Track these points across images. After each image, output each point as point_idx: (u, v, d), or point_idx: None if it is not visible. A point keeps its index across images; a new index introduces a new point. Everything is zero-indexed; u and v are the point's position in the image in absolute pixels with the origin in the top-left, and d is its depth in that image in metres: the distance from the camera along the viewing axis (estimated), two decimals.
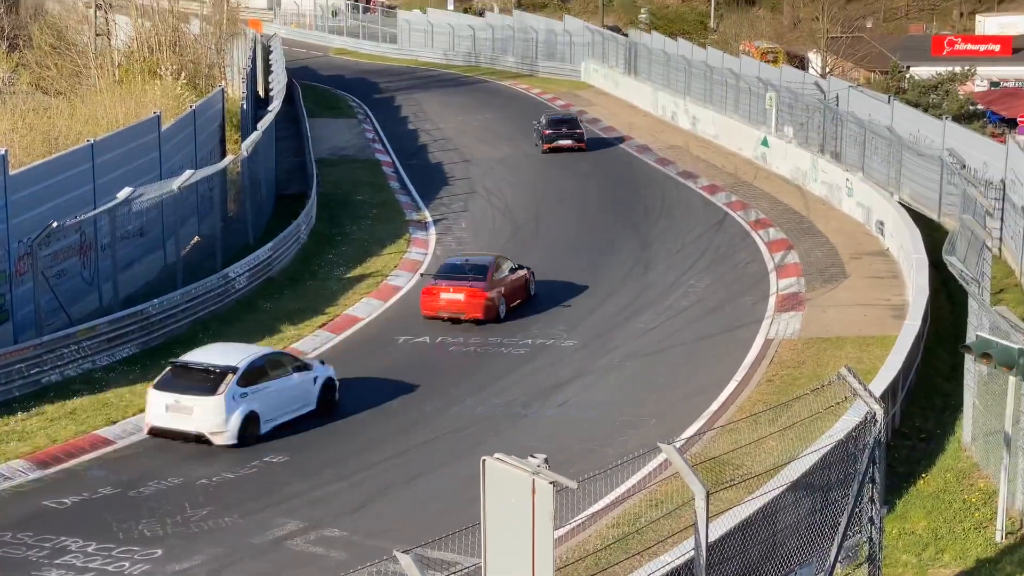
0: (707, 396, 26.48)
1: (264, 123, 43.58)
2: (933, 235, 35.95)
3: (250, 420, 24.23)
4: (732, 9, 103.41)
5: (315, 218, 42.51)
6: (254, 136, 40.91)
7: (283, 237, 37.47)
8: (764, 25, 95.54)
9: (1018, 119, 58.29)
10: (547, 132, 55.31)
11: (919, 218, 38.47)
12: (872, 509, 16.07)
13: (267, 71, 65.58)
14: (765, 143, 51.91)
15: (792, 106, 52.41)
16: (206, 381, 24.19)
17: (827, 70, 73.62)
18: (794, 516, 15.38)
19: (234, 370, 24.31)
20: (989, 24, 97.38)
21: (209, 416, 23.90)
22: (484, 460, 12.75)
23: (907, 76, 66.97)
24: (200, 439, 24.02)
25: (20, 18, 72.50)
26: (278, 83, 56.69)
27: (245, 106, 52.72)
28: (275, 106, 49.27)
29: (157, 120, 36.13)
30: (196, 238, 37.44)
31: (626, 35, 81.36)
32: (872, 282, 34.74)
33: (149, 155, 35.23)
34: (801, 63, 77.98)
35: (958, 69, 64.58)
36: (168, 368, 24.98)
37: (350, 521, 20.84)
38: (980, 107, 63.03)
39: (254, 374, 24.62)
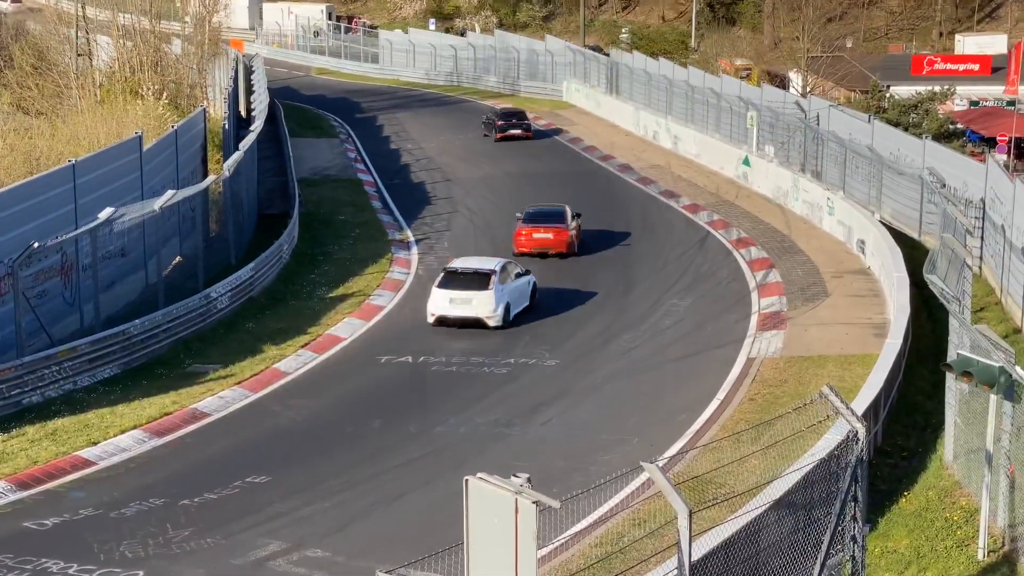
0: (690, 415, 26.49)
1: (246, 143, 43.56)
2: (914, 254, 36.08)
3: (507, 308, 33.09)
4: (713, 29, 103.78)
5: (297, 238, 42.48)
6: (236, 156, 40.89)
7: (265, 257, 37.43)
8: (745, 45, 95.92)
9: (997, 138, 58.56)
10: (500, 123, 62.30)
11: (900, 237, 38.61)
12: (855, 527, 16.10)
13: (249, 91, 65.59)
14: (746, 162, 52.07)
15: (773, 125, 52.60)
16: (477, 280, 32.93)
17: (808, 89, 73.92)
18: (777, 535, 15.39)
19: (494, 272, 33.16)
20: (968, 44, 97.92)
21: (484, 305, 32.69)
22: (467, 480, 12.74)
23: (887, 95, 67.31)
24: (478, 323, 32.74)
25: (1, 38, 72.43)
26: (260, 103, 56.69)
27: (227, 126, 52.72)
28: (257, 126, 49.27)
29: (139, 140, 36.10)
30: (178, 258, 37.40)
31: (607, 55, 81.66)
32: (853, 301, 34.84)
33: (131, 175, 35.19)
34: (782, 83, 78.29)
35: (938, 88, 64.94)
36: (442, 274, 33.72)
37: (333, 541, 20.77)
38: (960, 126, 63.35)
39: (501, 276, 33.26)
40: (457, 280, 33.14)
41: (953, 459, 22.37)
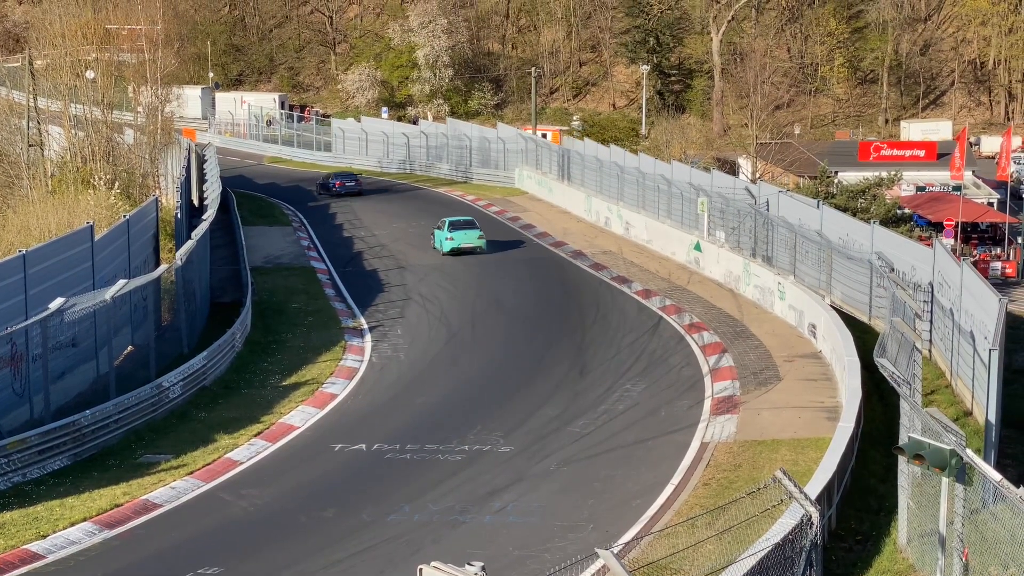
0: (645, 500, 26.46)
1: (198, 232, 43.55)
2: (864, 337, 36.34)
3: None
4: (663, 116, 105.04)
5: (250, 326, 42.34)
6: (188, 245, 40.85)
7: (218, 346, 37.27)
8: (694, 132, 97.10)
9: (944, 223, 59.35)
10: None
11: (850, 320, 38.92)
12: None
13: (201, 180, 65.66)
14: (698, 247, 52.48)
15: (724, 211, 53.08)
16: None
17: (757, 175, 74.80)
18: None
19: None
20: (914, 130, 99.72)
21: None
22: (421, 568, 12.68)
23: (835, 181, 68.10)
24: None
25: None
26: (213, 192, 56.74)
27: (179, 215, 52.71)
28: (209, 215, 49.31)
29: (90, 230, 36.00)
30: (129, 348, 37.16)
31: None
32: (806, 385, 35.02)
33: (82, 265, 35.06)
34: (732, 169, 79.17)
35: (885, 174, 65.81)
36: None
37: None
38: (907, 211, 64.15)
39: None
40: None
41: (907, 542, 22.43)
